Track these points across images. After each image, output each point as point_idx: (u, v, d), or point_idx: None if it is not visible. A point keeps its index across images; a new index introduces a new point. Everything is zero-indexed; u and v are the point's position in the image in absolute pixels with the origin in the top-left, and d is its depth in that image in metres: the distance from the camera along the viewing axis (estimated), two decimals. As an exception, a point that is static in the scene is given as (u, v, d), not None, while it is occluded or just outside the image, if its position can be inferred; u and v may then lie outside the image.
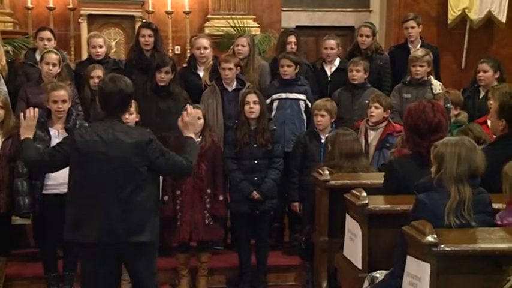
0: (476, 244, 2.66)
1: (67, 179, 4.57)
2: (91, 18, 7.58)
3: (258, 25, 8.01)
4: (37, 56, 5.74)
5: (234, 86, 5.52)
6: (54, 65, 5.38)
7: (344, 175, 4.20)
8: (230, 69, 5.44)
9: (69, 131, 4.60)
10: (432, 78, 5.85)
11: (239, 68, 5.58)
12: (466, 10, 8.25)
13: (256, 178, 4.99)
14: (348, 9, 9.48)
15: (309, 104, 5.57)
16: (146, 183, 3.57)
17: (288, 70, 5.59)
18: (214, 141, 4.97)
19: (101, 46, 5.92)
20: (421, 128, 3.45)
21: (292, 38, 6.10)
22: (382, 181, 3.61)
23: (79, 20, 7.57)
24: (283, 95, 5.60)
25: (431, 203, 2.86)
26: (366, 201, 3.30)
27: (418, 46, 6.37)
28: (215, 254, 5.34)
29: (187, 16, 7.87)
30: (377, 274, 3.17)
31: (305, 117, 5.62)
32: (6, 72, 5.68)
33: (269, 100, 5.52)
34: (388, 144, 4.95)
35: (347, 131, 4.61)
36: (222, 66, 5.46)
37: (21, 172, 4.64)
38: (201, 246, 5.02)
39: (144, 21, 7.15)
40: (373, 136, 5.14)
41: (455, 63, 8.48)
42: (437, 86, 5.75)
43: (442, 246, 2.60)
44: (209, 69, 5.73)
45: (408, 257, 2.77)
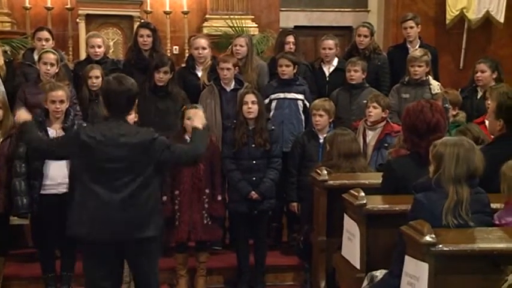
0: (474, 244, 2.66)
1: (65, 179, 4.66)
2: (89, 18, 7.56)
3: (256, 25, 7.99)
4: (35, 56, 5.73)
5: (232, 86, 5.52)
6: (52, 65, 5.36)
7: (342, 175, 4.20)
8: (228, 69, 5.44)
9: (67, 131, 4.61)
10: (430, 78, 5.85)
11: (237, 68, 5.59)
12: (464, 10, 8.24)
13: (254, 178, 4.99)
14: (346, 9, 9.47)
15: (307, 104, 5.56)
16: (150, 180, 3.61)
17: (287, 70, 5.59)
18: (212, 141, 4.97)
19: (100, 46, 5.91)
20: (419, 128, 3.44)
21: (290, 38, 6.11)
22: (380, 181, 3.61)
23: (77, 20, 7.56)
24: (281, 95, 5.60)
25: (429, 203, 2.86)
26: (364, 201, 3.30)
27: (417, 46, 6.36)
28: (213, 254, 5.34)
29: (185, 16, 7.86)
30: (377, 273, 3.17)
31: (303, 117, 5.62)
32: (4, 72, 5.67)
33: (267, 100, 5.53)
34: (387, 144, 4.95)
35: (345, 131, 4.61)
36: (220, 66, 5.47)
37: (19, 172, 4.64)
38: (200, 246, 5.02)
39: (142, 21, 7.14)
40: (371, 136, 5.14)
41: (453, 63, 8.47)
42: (435, 86, 5.75)
43: (440, 246, 2.60)
44: (207, 69, 5.73)
45: (406, 257, 2.76)
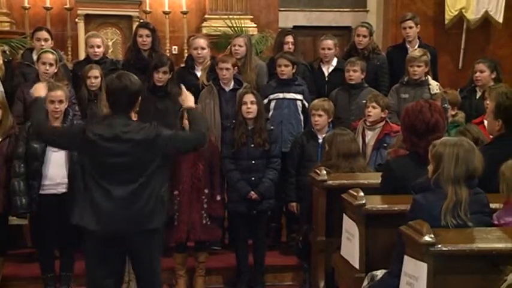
0: (473, 244, 2.66)
1: (64, 179, 4.67)
2: (88, 18, 7.56)
3: (255, 25, 7.99)
4: (34, 56, 5.73)
5: (232, 86, 5.52)
6: (51, 65, 5.36)
7: (341, 175, 4.20)
8: (227, 69, 5.44)
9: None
10: (430, 78, 5.85)
11: (236, 68, 5.59)
12: (463, 10, 8.24)
13: (253, 178, 4.99)
14: (345, 9, 9.47)
15: (306, 104, 5.56)
16: (156, 174, 3.64)
17: (285, 70, 5.59)
18: (211, 141, 4.96)
19: (99, 46, 5.90)
20: (419, 128, 3.44)
21: (289, 38, 6.11)
22: (379, 181, 3.61)
23: (76, 20, 7.56)
24: (280, 95, 5.59)
25: (427, 204, 2.86)
26: (363, 201, 3.30)
27: (416, 46, 6.36)
28: (213, 254, 5.34)
29: (184, 16, 7.86)
30: (377, 273, 3.17)
31: (302, 117, 5.62)
32: (3, 72, 5.66)
33: (266, 100, 5.52)
34: (386, 144, 4.95)
35: (344, 131, 4.61)
36: (220, 66, 5.47)
37: (18, 172, 4.64)
38: (199, 246, 5.02)
39: (142, 21, 7.15)
40: (370, 136, 5.14)
41: (452, 63, 8.47)
42: (434, 86, 5.75)
43: (439, 246, 2.60)
44: (206, 69, 5.73)
45: (405, 257, 2.77)
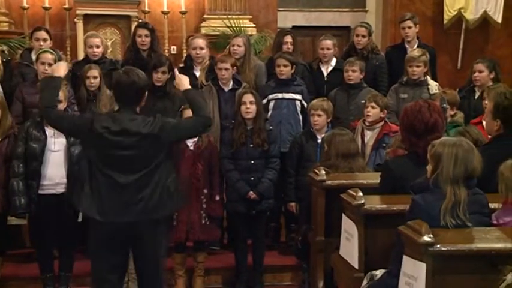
0: (472, 244, 2.66)
1: (63, 179, 4.66)
2: (87, 18, 7.57)
3: (254, 25, 8.00)
4: (33, 56, 5.72)
5: (231, 86, 5.52)
6: (50, 65, 5.33)
7: (340, 175, 4.20)
8: (226, 69, 5.45)
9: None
10: (429, 78, 5.85)
11: (235, 68, 5.59)
12: (462, 10, 8.25)
13: (252, 178, 4.99)
14: (344, 9, 9.47)
15: (305, 104, 5.56)
16: (162, 164, 3.69)
17: (284, 70, 5.59)
18: (210, 141, 4.97)
19: (98, 46, 5.89)
20: (418, 128, 3.45)
21: (288, 38, 6.11)
22: (378, 181, 3.61)
23: (75, 20, 7.56)
24: (279, 95, 5.59)
25: (426, 204, 2.86)
26: (362, 201, 3.30)
27: (415, 46, 6.36)
28: (211, 254, 5.34)
29: (183, 16, 7.86)
30: (376, 272, 3.17)
31: (301, 117, 5.62)
32: (1, 72, 5.65)
33: (265, 100, 5.52)
34: (385, 144, 4.94)
35: (343, 131, 4.61)
36: (219, 66, 5.47)
37: (17, 172, 4.63)
38: (198, 246, 5.02)
39: (141, 21, 7.14)
40: (369, 136, 5.14)
41: (451, 63, 8.48)
42: (433, 86, 5.75)
43: (438, 246, 2.60)
44: (205, 69, 5.73)
45: (404, 257, 2.77)
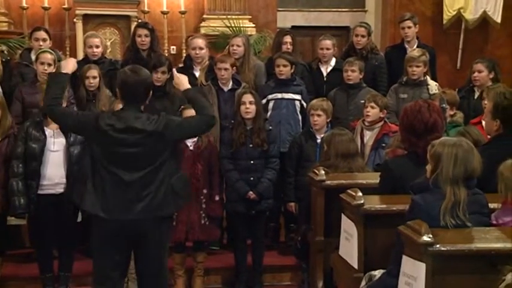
0: (471, 244, 2.66)
1: (63, 179, 4.66)
2: (86, 18, 7.57)
3: (254, 25, 8.00)
4: (32, 56, 5.72)
5: (230, 86, 5.52)
6: (49, 65, 5.35)
7: (340, 175, 4.20)
8: (226, 69, 5.45)
9: (64, 131, 4.61)
10: (428, 78, 5.85)
11: (235, 68, 5.59)
12: (461, 10, 8.25)
13: (252, 178, 4.99)
14: (344, 9, 9.48)
15: (304, 104, 5.57)
16: (166, 162, 3.69)
17: (284, 70, 5.59)
18: (210, 141, 4.96)
19: (98, 46, 5.89)
20: (417, 128, 3.45)
21: (287, 38, 6.11)
22: (377, 181, 3.61)
23: (74, 20, 7.56)
24: (278, 95, 5.59)
25: (426, 204, 2.86)
26: (362, 201, 3.30)
27: (415, 46, 6.36)
28: (211, 254, 5.34)
29: (182, 16, 7.86)
30: (375, 273, 3.17)
31: (300, 117, 5.62)
32: (1, 72, 5.65)
33: (265, 100, 5.52)
34: (384, 144, 4.93)
35: (343, 131, 4.61)
36: (218, 66, 5.47)
37: (16, 172, 4.63)
38: (197, 246, 5.02)
39: (140, 21, 7.14)
40: (369, 136, 5.14)
41: (450, 63, 8.48)
42: (433, 86, 5.75)
43: (438, 246, 2.60)
44: (205, 69, 5.72)
45: (404, 257, 2.77)
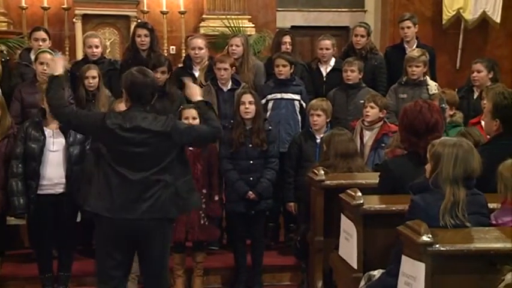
0: (471, 244, 2.66)
1: (62, 180, 4.66)
2: (86, 18, 7.56)
3: (253, 25, 8.00)
4: (32, 56, 5.72)
5: (229, 86, 5.52)
6: (48, 65, 5.35)
7: (339, 175, 4.20)
8: (225, 69, 5.45)
9: (64, 131, 4.61)
10: (428, 78, 5.85)
11: (234, 68, 5.59)
12: (461, 10, 8.25)
13: (251, 178, 4.99)
14: (343, 9, 9.48)
15: (304, 104, 5.57)
16: (172, 165, 3.70)
17: (283, 70, 5.59)
18: (210, 141, 4.96)
19: (97, 46, 5.89)
20: (418, 128, 3.44)
21: (287, 38, 6.11)
22: (377, 181, 3.61)
23: (74, 20, 7.56)
24: (278, 95, 5.60)
25: (425, 205, 2.86)
26: (361, 201, 3.30)
27: (414, 46, 6.36)
28: (210, 254, 5.33)
29: (182, 16, 7.86)
30: (374, 272, 3.17)
31: (300, 117, 5.62)
32: (0, 72, 5.66)
33: (264, 100, 5.52)
34: (384, 144, 4.94)
35: (342, 131, 4.61)
36: (217, 66, 5.47)
37: (16, 172, 4.63)
38: (197, 246, 5.02)
39: (140, 21, 7.14)
40: (368, 136, 5.14)
41: (450, 63, 8.48)
42: (433, 87, 5.75)
43: (437, 245, 2.60)
44: (204, 69, 5.73)
45: (403, 257, 2.76)
